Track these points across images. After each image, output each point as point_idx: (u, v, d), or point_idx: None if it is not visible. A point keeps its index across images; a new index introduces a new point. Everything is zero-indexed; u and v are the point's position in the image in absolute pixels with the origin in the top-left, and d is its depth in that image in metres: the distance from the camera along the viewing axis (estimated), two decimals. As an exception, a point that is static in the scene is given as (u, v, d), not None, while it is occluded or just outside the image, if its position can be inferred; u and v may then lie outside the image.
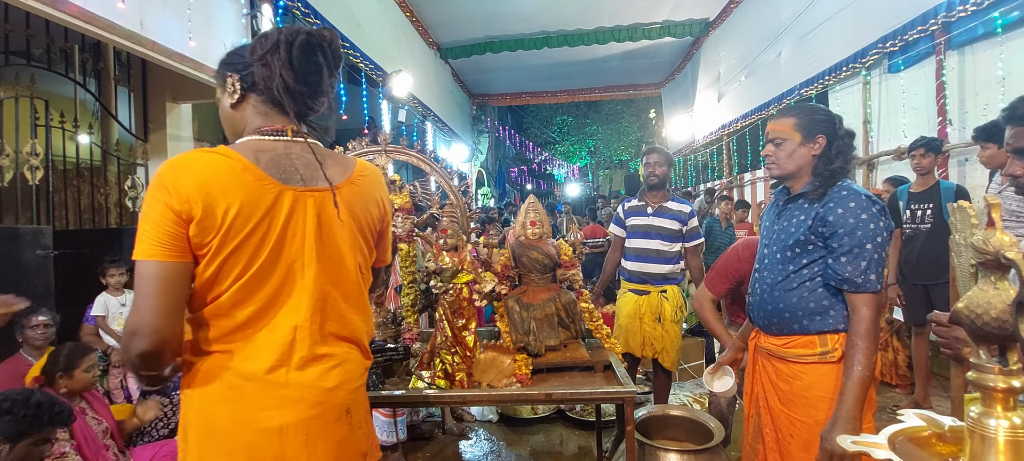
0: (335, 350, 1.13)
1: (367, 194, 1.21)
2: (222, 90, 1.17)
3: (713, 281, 2.42)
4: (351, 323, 1.17)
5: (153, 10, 2.99)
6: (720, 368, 2.09)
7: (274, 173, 1.07)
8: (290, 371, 1.07)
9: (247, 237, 1.03)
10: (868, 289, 1.48)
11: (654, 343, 3.04)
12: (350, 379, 1.15)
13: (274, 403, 1.05)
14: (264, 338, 1.06)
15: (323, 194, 1.12)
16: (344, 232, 1.15)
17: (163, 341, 0.99)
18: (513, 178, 19.04)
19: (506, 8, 7.09)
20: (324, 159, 1.17)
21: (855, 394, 1.44)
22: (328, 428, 1.10)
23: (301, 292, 1.09)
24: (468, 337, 1.86)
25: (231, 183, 1.02)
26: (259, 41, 1.11)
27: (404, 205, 2.14)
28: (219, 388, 1.04)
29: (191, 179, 1.00)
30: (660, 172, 3.16)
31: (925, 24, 3.88)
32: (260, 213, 1.04)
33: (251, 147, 1.09)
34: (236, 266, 1.03)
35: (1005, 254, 0.87)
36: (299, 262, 1.09)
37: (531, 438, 3.42)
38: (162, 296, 0.99)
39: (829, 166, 1.58)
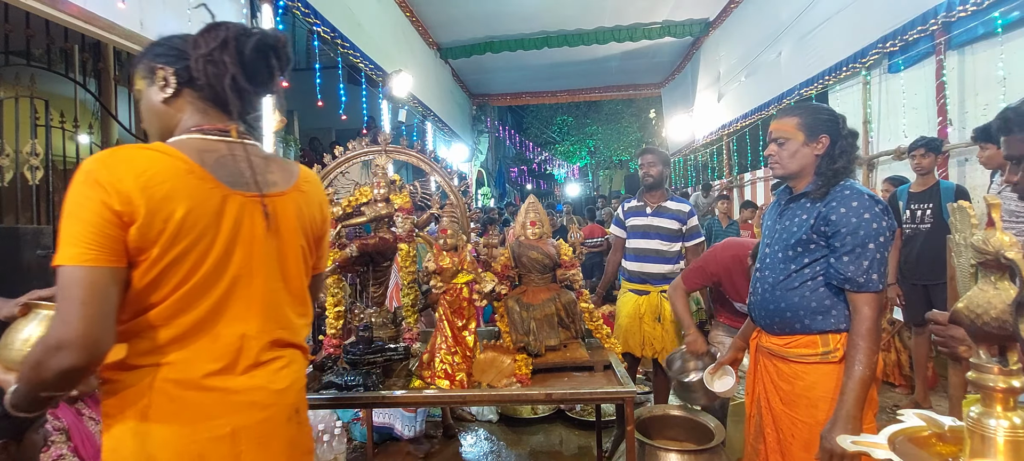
0: (282, 353, 1.12)
1: (312, 200, 1.19)
2: (148, 82, 1.09)
3: (689, 276, 2.53)
4: (295, 327, 1.15)
5: (153, 10, 2.99)
6: (720, 368, 2.09)
7: (221, 176, 1.02)
8: (235, 377, 1.03)
9: (193, 243, 0.97)
10: (870, 289, 1.48)
11: (654, 343, 3.05)
12: (298, 379, 1.15)
13: (223, 410, 1.01)
14: (205, 347, 1.01)
15: (271, 199, 1.09)
16: (292, 238, 1.13)
17: (97, 355, 0.91)
18: (513, 178, 19.03)
19: (506, 8, 7.09)
20: (268, 163, 1.14)
21: (856, 394, 1.43)
22: (280, 429, 1.09)
23: (249, 299, 1.05)
24: (468, 337, 1.86)
25: (177, 184, 0.96)
26: (203, 36, 1.05)
27: (404, 205, 2.14)
28: (158, 402, 0.97)
29: (133, 177, 0.92)
30: (655, 172, 3.17)
31: (925, 24, 3.88)
32: (207, 218, 0.99)
33: (194, 147, 1.03)
34: (178, 273, 0.97)
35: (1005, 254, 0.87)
36: (246, 268, 1.05)
37: (531, 438, 3.42)
38: (98, 305, 0.89)
39: (832, 166, 1.58)
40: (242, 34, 1.06)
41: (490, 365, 1.86)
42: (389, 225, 2.15)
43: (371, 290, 2.27)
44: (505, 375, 1.85)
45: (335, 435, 2.77)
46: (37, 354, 0.91)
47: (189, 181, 0.98)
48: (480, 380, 1.85)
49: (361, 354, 1.93)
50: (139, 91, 1.12)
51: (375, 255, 2.18)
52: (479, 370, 1.86)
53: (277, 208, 1.10)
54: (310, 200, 1.18)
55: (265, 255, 1.08)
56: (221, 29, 1.06)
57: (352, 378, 1.83)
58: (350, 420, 3.29)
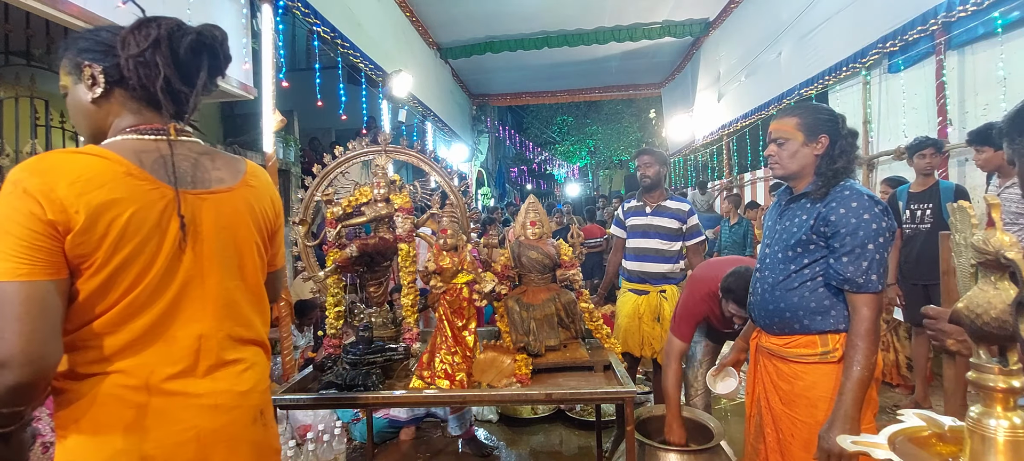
0: (243, 354, 1.09)
1: (262, 195, 1.16)
2: (74, 79, 1.03)
3: (679, 328, 2.36)
4: (254, 325, 1.13)
5: (153, 10, 2.99)
6: (723, 370, 2.09)
7: (161, 175, 0.99)
8: (197, 380, 1.01)
9: (138, 247, 0.94)
10: (869, 289, 1.48)
11: (653, 343, 3.04)
12: (261, 380, 1.13)
13: (186, 414, 0.98)
14: (161, 351, 0.98)
15: (217, 195, 1.06)
16: (243, 234, 1.10)
17: (44, 370, 0.86)
18: (513, 178, 19.04)
19: (506, 8, 7.09)
20: (213, 159, 1.10)
21: (854, 394, 1.44)
22: (246, 431, 1.07)
23: (202, 299, 1.03)
24: (468, 337, 1.86)
25: (115, 188, 0.92)
26: (133, 34, 1.00)
27: (404, 205, 2.14)
28: (116, 410, 0.93)
29: (66, 184, 0.87)
30: (652, 172, 3.17)
31: (925, 24, 3.87)
32: (152, 220, 0.95)
33: (130, 147, 0.99)
34: (126, 279, 0.93)
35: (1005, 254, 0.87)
36: (197, 268, 1.02)
37: (531, 438, 3.42)
38: (37, 319, 0.85)
39: (832, 166, 1.58)
40: (176, 31, 1.01)
41: (490, 365, 1.86)
42: (389, 225, 2.15)
43: (371, 290, 2.27)
44: (505, 375, 1.85)
45: (335, 435, 2.77)
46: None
47: (128, 183, 0.94)
48: (480, 380, 1.85)
49: (361, 354, 1.94)
50: (64, 87, 1.05)
51: (375, 255, 2.18)
52: (479, 370, 1.86)
53: (225, 204, 1.07)
54: (260, 195, 1.15)
55: (216, 253, 1.05)
56: (152, 26, 1.00)
57: (352, 378, 1.83)
58: (350, 420, 3.29)
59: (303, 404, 1.94)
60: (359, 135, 2.58)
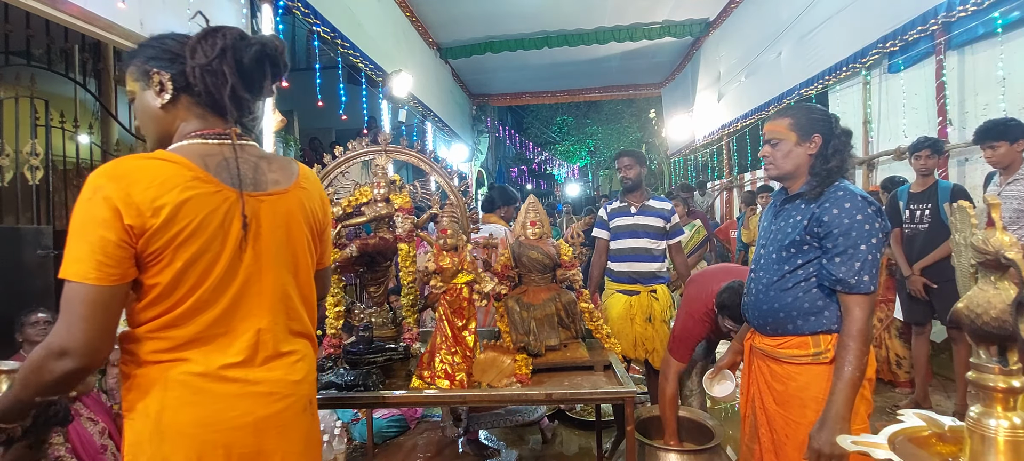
0: (296, 346, 1.16)
1: (313, 195, 1.23)
2: (142, 85, 1.09)
3: (677, 349, 2.37)
4: (304, 319, 1.20)
5: (153, 10, 2.99)
6: (719, 372, 2.09)
7: (225, 178, 1.05)
8: (255, 369, 1.08)
9: (204, 247, 1.01)
10: (861, 290, 1.48)
11: (646, 343, 3.03)
12: (311, 371, 1.20)
13: (244, 400, 1.06)
14: (222, 344, 1.05)
15: (273, 197, 1.12)
16: (296, 233, 1.16)
17: (97, 362, 0.97)
18: (513, 178, 19.03)
19: (506, 8, 7.09)
20: (269, 163, 1.16)
21: (844, 394, 1.44)
22: (297, 419, 1.14)
23: (260, 296, 1.09)
24: (468, 337, 1.86)
25: (185, 191, 0.99)
26: (201, 43, 1.06)
27: (404, 205, 2.14)
28: (182, 394, 1.01)
29: (141, 189, 0.95)
30: (632, 174, 3.19)
31: (925, 24, 3.87)
32: (217, 221, 1.02)
33: (196, 152, 1.06)
34: (192, 276, 1.00)
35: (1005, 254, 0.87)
36: (256, 266, 1.08)
37: (531, 438, 3.42)
38: (99, 319, 0.94)
39: (826, 165, 1.58)
40: (240, 42, 1.07)
41: (490, 365, 1.86)
42: (389, 225, 2.15)
43: (371, 290, 2.27)
44: (505, 375, 1.85)
45: (335, 435, 2.77)
46: (39, 358, 0.94)
47: (197, 186, 1.01)
48: (480, 380, 1.85)
49: (361, 354, 1.93)
50: (132, 92, 1.12)
51: (375, 255, 2.17)
52: (479, 370, 1.86)
53: (280, 205, 1.13)
54: (311, 196, 1.22)
55: (273, 252, 1.11)
56: (219, 37, 1.06)
57: (352, 378, 1.83)
58: (350, 420, 3.29)
59: (303, 404, 1.94)
60: (359, 135, 2.58)
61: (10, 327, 2.84)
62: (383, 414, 3.37)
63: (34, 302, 2.98)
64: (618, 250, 3.18)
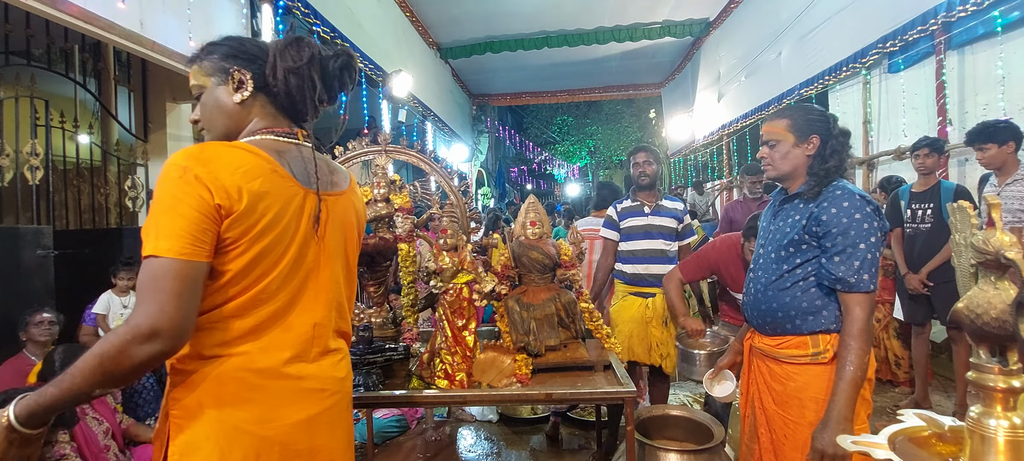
0: (340, 344, 1.20)
1: (359, 200, 1.29)
2: (216, 81, 1.12)
3: (688, 266, 2.54)
4: (348, 320, 1.23)
5: (153, 10, 2.99)
6: (719, 372, 2.09)
7: (297, 174, 1.09)
8: (307, 364, 1.09)
9: (278, 238, 1.03)
10: (861, 289, 1.48)
11: (660, 348, 2.89)
12: (350, 370, 1.23)
13: (299, 396, 1.07)
14: (278, 337, 1.05)
15: (335, 198, 1.17)
16: (350, 233, 1.21)
17: (182, 344, 0.95)
18: (513, 178, 19.03)
19: (506, 8, 7.09)
20: (329, 164, 1.22)
21: (847, 394, 1.44)
22: (343, 415, 1.17)
23: (316, 291, 1.11)
24: (468, 337, 1.86)
25: (267, 181, 1.02)
26: (289, 48, 1.11)
27: (404, 205, 2.14)
28: (238, 390, 1.00)
29: (229, 172, 0.97)
30: (651, 171, 3.03)
31: (925, 24, 3.88)
32: (290, 213, 1.05)
33: (271, 146, 1.09)
34: (261, 266, 1.01)
35: (1005, 254, 0.87)
36: (316, 262, 1.11)
37: (531, 438, 3.42)
38: (191, 297, 0.93)
39: (824, 165, 1.58)
40: (325, 54, 1.14)
41: (490, 365, 1.86)
42: (389, 225, 2.15)
43: (371, 290, 2.27)
44: (505, 375, 1.85)
45: (335, 435, 2.76)
46: (120, 342, 0.88)
47: (275, 179, 1.04)
48: (480, 380, 1.85)
49: (361, 354, 1.94)
50: (200, 87, 1.14)
51: (375, 255, 2.18)
52: (479, 370, 1.86)
53: (339, 206, 1.18)
54: (359, 200, 1.29)
55: (332, 249, 1.15)
56: (306, 46, 1.12)
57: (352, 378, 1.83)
58: (350, 420, 3.29)
59: (303, 404, 1.94)
60: (359, 135, 2.58)
61: (10, 327, 2.84)
62: (383, 414, 3.37)
63: (34, 302, 2.98)
64: (631, 252, 3.02)
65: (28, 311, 2.83)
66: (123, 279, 3.62)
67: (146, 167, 4.39)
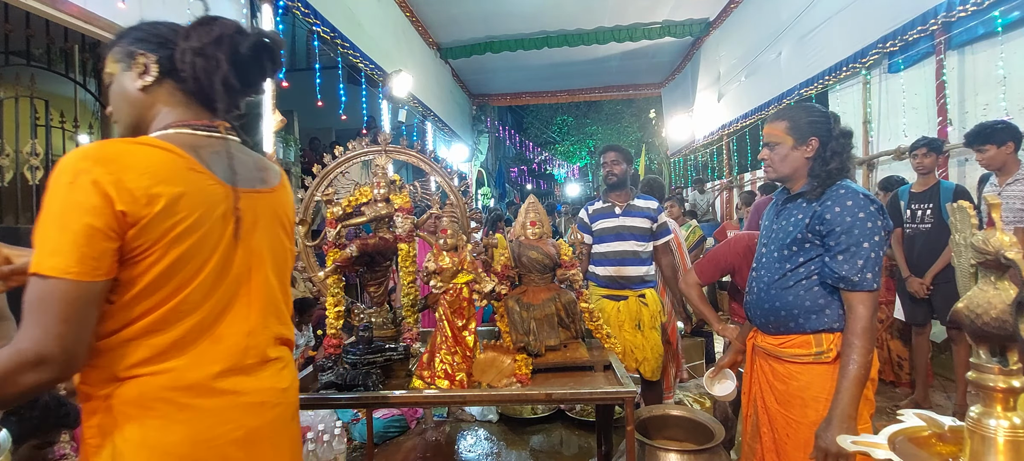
0: (281, 352, 1.11)
1: (289, 197, 1.19)
2: (123, 67, 1.03)
3: (703, 268, 2.45)
4: (289, 326, 1.15)
5: (153, 10, 2.99)
6: (720, 372, 2.09)
7: (218, 171, 0.98)
8: (243, 377, 1.00)
9: (199, 241, 0.93)
10: (865, 288, 1.48)
11: (636, 352, 2.86)
12: (295, 377, 1.15)
13: (235, 412, 0.98)
14: (207, 349, 0.96)
15: (262, 195, 1.08)
16: (283, 235, 1.13)
17: (74, 371, 0.86)
18: (513, 178, 19.03)
19: (506, 8, 7.09)
20: (255, 160, 1.11)
21: (851, 393, 1.44)
22: (286, 427, 1.10)
23: (248, 297, 1.03)
24: (468, 337, 1.86)
25: (182, 181, 0.91)
26: (197, 28, 1.00)
27: (404, 205, 2.14)
28: (167, 412, 0.90)
29: (136, 174, 0.86)
30: (618, 170, 2.99)
31: (925, 24, 3.88)
32: (212, 216, 0.95)
33: (186, 142, 0.98)
34: (180, 275, 0.91)
35: (1005, 254, 0.87)
36: (245, 266, 1.02)
37: (531, 438, 3.42)
38: (82, 321, 0.83)
39: (825, 167, 1.58)
40: (239, 32, 1.01)
41: (490, 365, 1.86)
42: (389, 225, 2.15)
43: (371, 290, 2.27)
44: (505, 375, 1.85)
45: (335, 435, 2.77)
46: (5, 369, 0.79)
47: (191, 177, 0.93)
48: (480, 380, 1.85)
49: (361, 354, 1.93)
50: (110, 75, 1.05)
51: (375, 255, 2.17)
52: (479, 370, 1.85)
53: (266, 204, 1.09)
54: (289, 197, 1.19)
55: (262, 251, 1.06)
56: (216, 24, 1.00)
57: (352, 378, 1.83)
58: (350, 420, 3.29)
59: (303, 404, 1.94)
60: (359, 135, 2.58)
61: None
62: (383, 414, 3.37)
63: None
64: (602, 254, 2.98)
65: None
66: None
67: (146, 167, 4.39)
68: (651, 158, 14.81)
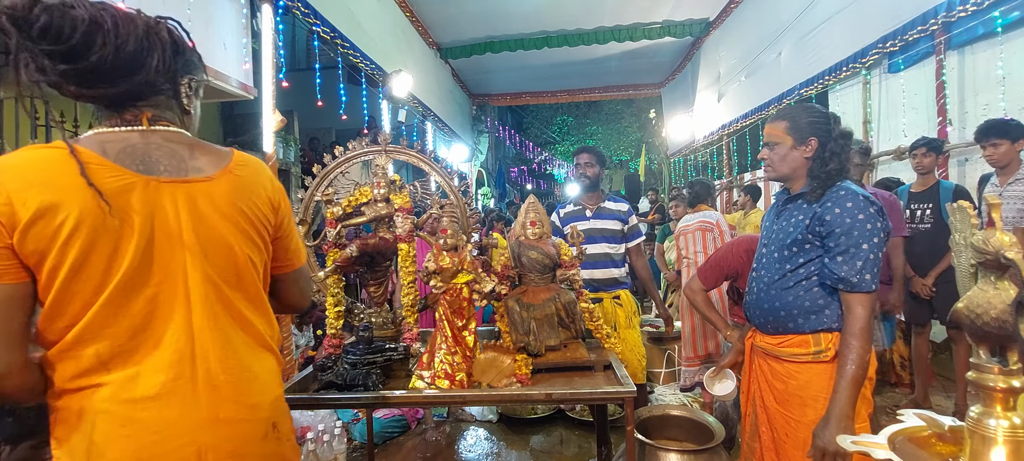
0: (247, 360, 1.01)
1: (250, 185, 1.07)
2: None
3: (706, 274, 2.43)
4: (258, 330, 1.05)
5: (153, 10, 2.98)
6: (721, 372, 2.09)
7: (128, 164, 0.93)
8: (197, 387, 0.93)
9: (94, 241, 0.87)
10: (863, 289, 1.48)
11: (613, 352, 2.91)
12: (270, 388, 1.04)
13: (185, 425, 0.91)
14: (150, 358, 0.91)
15: (194, 185, 0.98)
16: (227, 225, 1.01)
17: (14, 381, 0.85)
18: (513, 178, 19.03)
19: (506, 8, 7.09)
20: (192, 149, 1.03)
21: (848, 392, 1.45)
22: (253, 446, 0.99)
23: (187, 299, 0.95)
24: (468, 337, 1.86)
25: (67, 181, 0.86)
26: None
27: (404, 205, 2.14)
28: (110, 426, 0.87)
29: (12, 179, 0.84)
30: (591, 173, 3.02)
31: (925, 24, 3.87)
32: (116, 212, 0.89)
33: (94, 141, 0.94)
34: (90, 278, 0.87)
35: (1005, 254, 0.87)
36: (178, 262, 0.95)
37: (531, 438, 3.42)
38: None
39: (824, 168, 1.59)
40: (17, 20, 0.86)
41: (490, 365, 1.86)
42: (389, 225, 2.15)
43: (371, 290, 2.27)
44: (505, 375, 1.85)
45: (335, 435, 2.77)
46: None
47: (89, 172, 0.87)
48: (480, 380, 1.85)
49: (361, 354, 1.93)
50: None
51: (375, 255, 2.17)
52: (479, 370, 1.85)
53: (201, 194, 0.99)
54: (247, 185, 1.06)
55: (198, 247, 0.97)
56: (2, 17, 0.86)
57: (352, 378, 1.83)
58: (350, 420, 3.29)
59: (303, 404, 1.94)
60: (359, 135, 2.58)
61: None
62: (383, 414, 3.37)
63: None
64: None
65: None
66: None
67: (146, 167, 4.39)
68: (651, 158, 14.81)
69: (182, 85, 1.05)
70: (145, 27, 0.97)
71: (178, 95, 1.05)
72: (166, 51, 1.00)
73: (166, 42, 1.00)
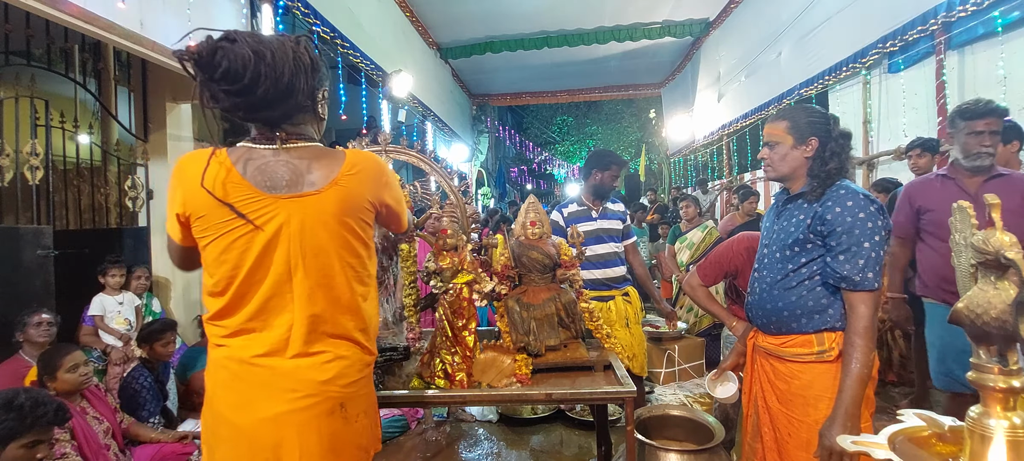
0: (328, 346, 1.18)
1: (352, 195, 1.20)
2: None
3: (705, 271, 2.43)
4: (342, 324, 1.20)
5: (153, 10, 2.98)
6: (722, 373, 2.09)
7: (259, 182, 1.14)
8: (284, 359, 1.14)
9: (230, 245, 1.12)
10: (866, 287, 1.48)
11: (626, 349, 2.91)
12: (345, 374, 1.19)
13: (269, 389, 1.12)
14: (258, 336, 1.15)
15: (306, 199, 1.15)
16: (328, 234, 1.17)
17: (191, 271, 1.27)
18: (513, 178, 19.02)
19: (506, 8, 7.09)
20: (310, 164, 1.18)
21: (853, 392, 1.44)
22: (320, 421, 1.15)
23: (291, 296, 1.15)
24: (468, 337, 1.86)
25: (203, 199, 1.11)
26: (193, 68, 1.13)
27: (404, 205, 2.14)
28: (222, 377, 1.14)
29: (183, 180, 1.14)
30: (617, 185, 3.16)
31: (925, 24, 3.87)
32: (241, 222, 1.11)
33: (241, 154, 1.17)
34: (224, 264, 1.13)
35: (1005, 254, 0.87)
36: (285, 267, 1.14)
37: (531, 438, 3.42)
38: (185, 260, 1.25)
39: (824, 168, 1.59)
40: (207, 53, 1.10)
41: (490, 365, 1.86)
42: (389, 225, 2.15)
43: (371, 290, 2.26)
44: (505, 375, 1.85)
45: (335, 435, 2.76)
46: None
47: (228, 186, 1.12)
48: (480, 380, 1.85)
49: (361, 354, 1.93)
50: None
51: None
52: (479, 370, 1.85)
53: (311, 207, 1.16)
54: (350, 195, 1.20)
55: (304, 253, 1.15)
56: (186, 56, 1.11)
57: (352, 378, 1.83)
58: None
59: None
60: (359, 135, 2.58)
61: (11, 328, 2.83)
62: (383, 414, 3.37)
63: (34, 302, 2.98)
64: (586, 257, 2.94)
65: (26, 313, 2.82)
66: (113, 277, 3.62)
67: (146, 167, 4.39)
68: (651, 158, 14.81)
69: (319, 101, 1.24)
70: (293, 53, 1.15)
71: (316, 108, 1.24)
72: (308, 73, 1.18)
73: (307, 65, 1.17)
